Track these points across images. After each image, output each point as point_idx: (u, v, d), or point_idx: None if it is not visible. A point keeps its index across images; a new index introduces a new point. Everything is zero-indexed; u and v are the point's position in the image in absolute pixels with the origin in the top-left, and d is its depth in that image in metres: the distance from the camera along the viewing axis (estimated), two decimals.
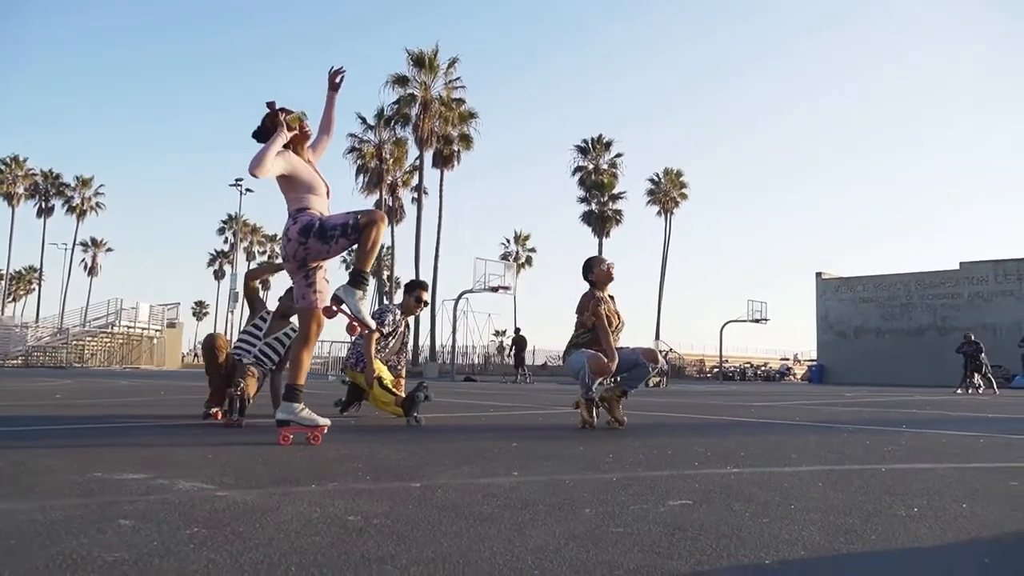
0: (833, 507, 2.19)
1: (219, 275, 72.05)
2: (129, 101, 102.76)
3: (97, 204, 56.63)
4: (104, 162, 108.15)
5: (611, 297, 5.25)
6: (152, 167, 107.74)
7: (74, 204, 55.52)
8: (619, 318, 5.21)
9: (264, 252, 72.17)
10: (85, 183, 55.84)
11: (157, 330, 39.04)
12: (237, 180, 37.15)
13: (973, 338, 18.05)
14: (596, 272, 5.22)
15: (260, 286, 5.65)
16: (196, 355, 65.75)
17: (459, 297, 27.97)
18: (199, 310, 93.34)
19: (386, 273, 41.02)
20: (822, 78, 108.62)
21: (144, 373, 23.10)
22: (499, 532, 1.79)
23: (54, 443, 3.60)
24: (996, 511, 2.22)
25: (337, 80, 4.00)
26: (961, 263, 32.14)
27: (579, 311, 5.10)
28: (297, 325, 5.54)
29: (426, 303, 6.20)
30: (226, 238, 69.38)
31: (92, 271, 64.92)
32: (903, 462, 3.40)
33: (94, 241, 64.85)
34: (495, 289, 24.21)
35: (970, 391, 17.05)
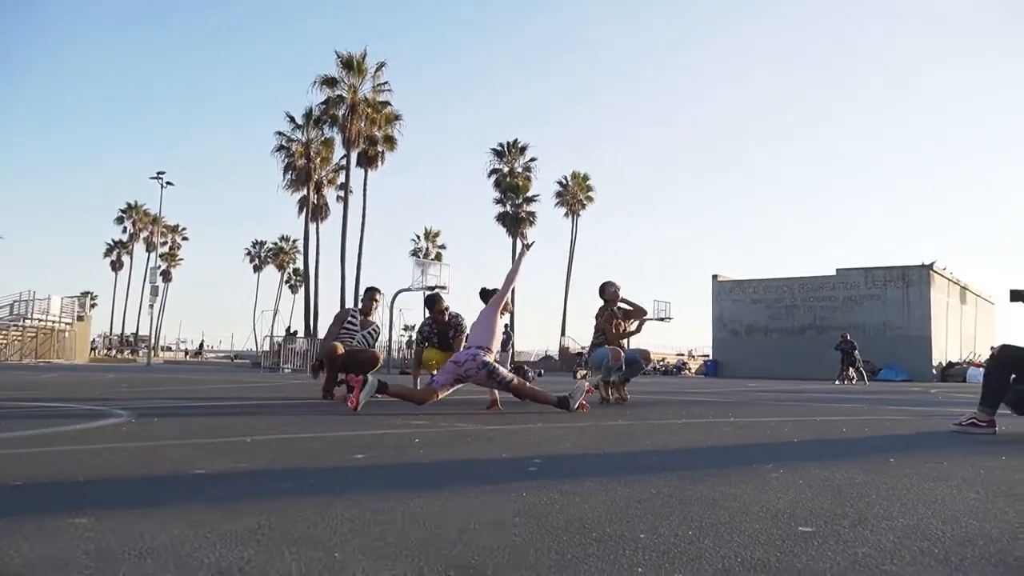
0: (806, 429, 4.38)
1: (117, 266, 69.64)
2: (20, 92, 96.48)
3: None
4: None
5: (618, 309, 7.34)
6: (42, 153, 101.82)
7: None
8: (623, 326, 7.30)
9: (165, 243, 70.17)
10: None
11: (68, 323, 38.37)
12: (159, 173, 37.12)
13: (848, 337, 21.45)
14: (608, 293, 7.32)
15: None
16: (94, 349, 63.28)
17: (396, 295, 29.62)
18: (86, 301, 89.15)
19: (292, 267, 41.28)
20: (718, 78, 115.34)
21: (98, 367, 23.39)
22: (671, 434, 3.82)
23: (286, 413, 5.30)
24: (880, 431, 4.48)
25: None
26: (837, 269, 36.50)
27: (597, 318, 7.20)
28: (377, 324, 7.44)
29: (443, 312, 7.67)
30: (124, 228, 67.26)
31: None
32: (825, 416, 5.69)
33: None
34: (432, 288, 25.97)
35: (846, 382, 20.36)
